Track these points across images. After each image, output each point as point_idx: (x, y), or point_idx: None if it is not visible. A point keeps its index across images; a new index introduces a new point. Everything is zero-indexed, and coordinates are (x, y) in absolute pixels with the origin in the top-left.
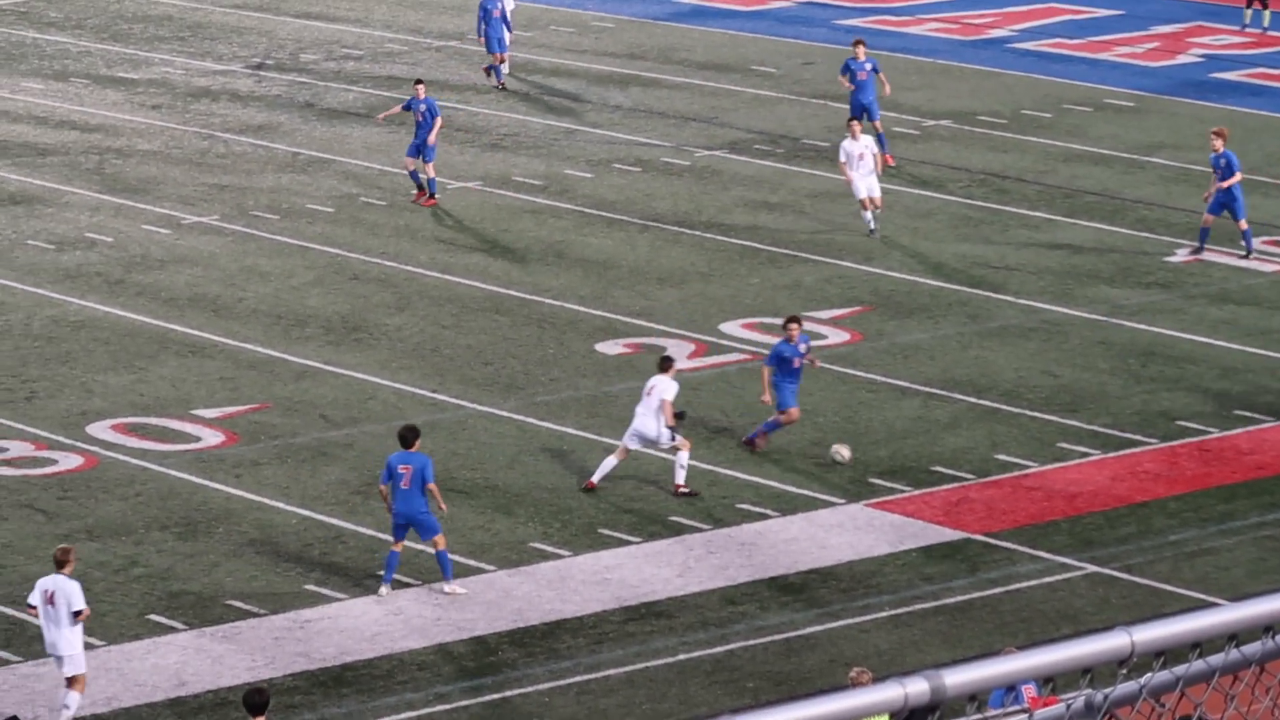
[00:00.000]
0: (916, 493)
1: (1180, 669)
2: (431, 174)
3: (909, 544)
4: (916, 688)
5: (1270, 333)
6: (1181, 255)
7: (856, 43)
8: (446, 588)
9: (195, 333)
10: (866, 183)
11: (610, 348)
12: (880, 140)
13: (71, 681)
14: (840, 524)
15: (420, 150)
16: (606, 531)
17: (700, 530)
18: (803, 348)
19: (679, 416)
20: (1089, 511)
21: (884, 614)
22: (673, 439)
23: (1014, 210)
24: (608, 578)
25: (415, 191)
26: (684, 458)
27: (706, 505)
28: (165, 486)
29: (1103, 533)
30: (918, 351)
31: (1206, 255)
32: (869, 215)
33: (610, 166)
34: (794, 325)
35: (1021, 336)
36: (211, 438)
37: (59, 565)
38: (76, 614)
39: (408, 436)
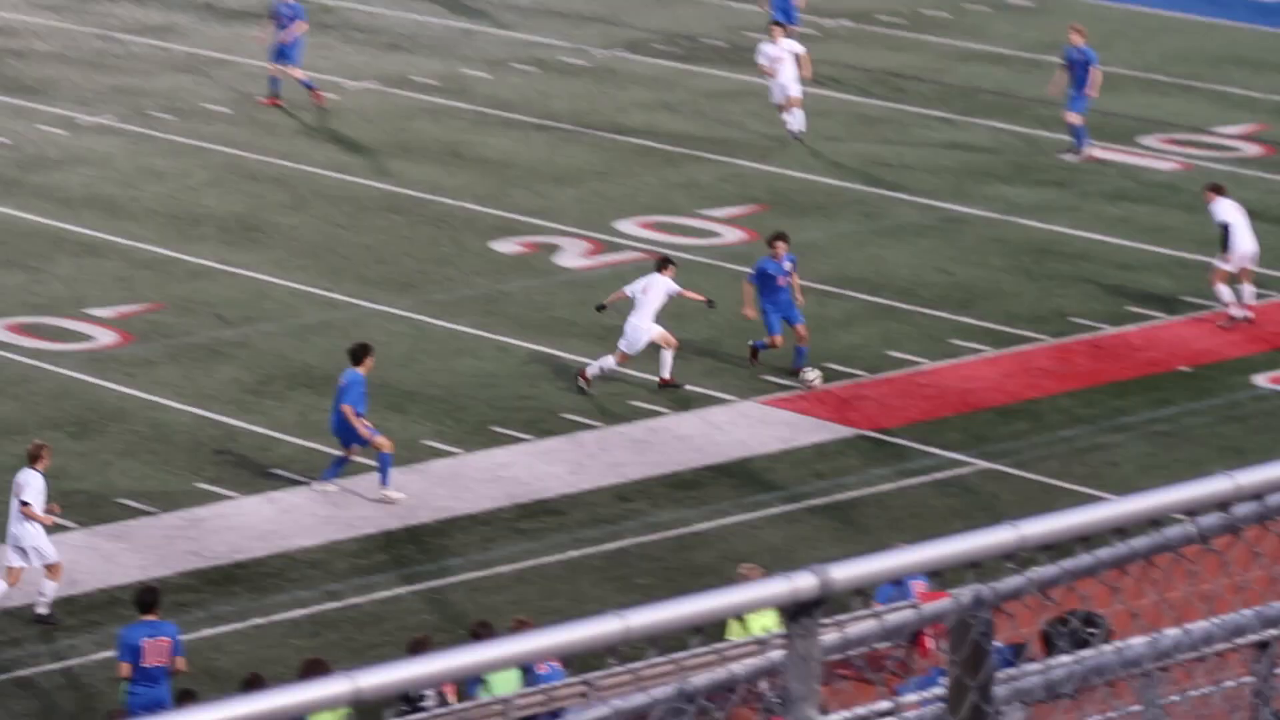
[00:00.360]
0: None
1: (1067, 563)
2: (297, 76)
3: (801, 440)
4: (804, 582)
5: (1164, 229)
6: (1073, 157)
7: None
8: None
9: (90, 232)
10: (785, 85)
11: (506, 246)
12: None
13: (49, 570)
14: (733, 421)
15: (283, 53)
16: (500, 429)
17: (593, 427)
18: (787, 265)
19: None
20: (981, 408)
21: (775, 510)
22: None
23: (911, 109)
24: (500, 475)
25: (311, 92)
26: (668, 355)
27: (600, 402)
28: (58, 385)
29: (995, 429)
30: (813, 249)
31: (1099, 153)
32: (788, 118)
33: (508, 66)
34: (779, 243)
35: (917, 234)
36: (105, 337)
37: (30, 459)
38: (24, 504)
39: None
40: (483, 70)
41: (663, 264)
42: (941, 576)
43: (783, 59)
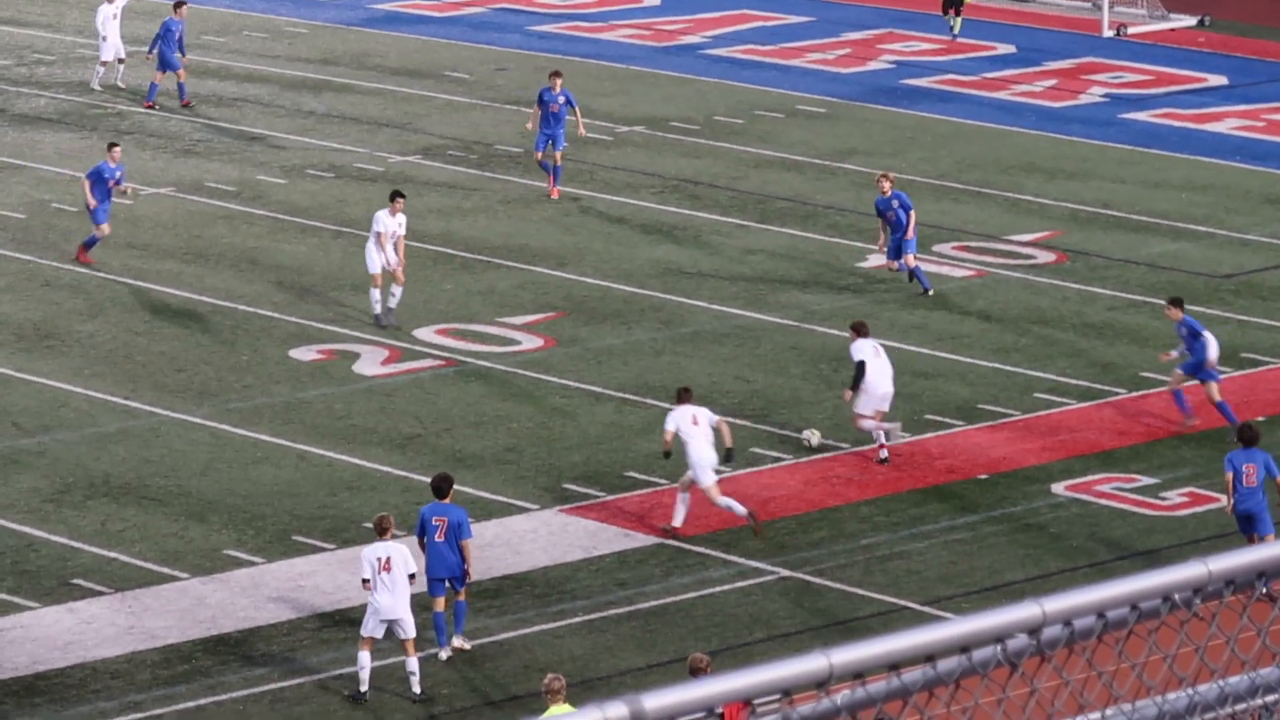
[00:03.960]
0: (610, 498)
1: (877, 687)
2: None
3: (603, 549)
4: (616, 712)
5: (959, 337)
6: (873, 261)
7: (553, 74)
8: (458, 642)
9: None
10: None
11: (304, 354)
12: (556, 171)
13: (409, 645)
14: (534, 530)
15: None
16: (300, 538)
17: (396, 536)
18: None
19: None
20: (781, 516)
21: (578, 619)
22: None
23: (707, 216)
24: (301, 585)
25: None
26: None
27: (401, 511)
28: None
29: (795, 537)
30: (611, 357)
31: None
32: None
33: (303, 173)
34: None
35: (714, 342)
36: None
37: (381, 533)
38: (412, 577)
39: (442, 487)
40: (278, 176)
41: (684, 394)
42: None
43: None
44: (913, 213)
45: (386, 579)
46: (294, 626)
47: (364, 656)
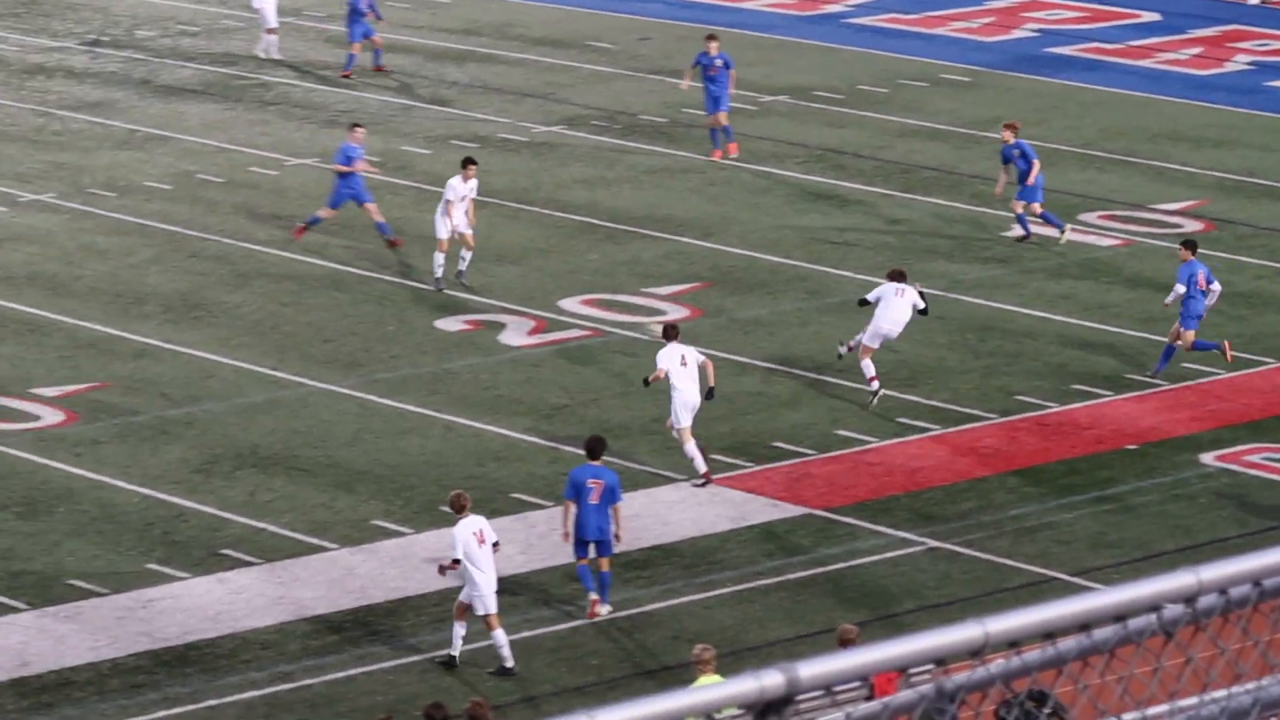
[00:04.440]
0: (758, 468)
1: (1032, 656)
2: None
3: (751, 520)
4: (771, 681)
5: (1107, 306)
6: (1017, 230)
7: (709, 38)
8: (601, 609)
9: (33, 311)
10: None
11: (450, 324)
12: (727, 132)
13: (495, 620)
14: (682, 500)
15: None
16: (448, 509)
17: (543, 508)
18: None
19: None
20: (929, 486)
21: (727, 590)
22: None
23: (851, 185)
24: (450, 555)
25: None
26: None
27: (549, 482)
28: (4, 465)
29: (943, 508)
30: (757, 327)
31: (1044, 230)
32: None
33: (447, 143)
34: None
35: (860, 312)
36: (51, 416)
37: (459, 510)
38: (495, 545)
39: (596, 448)
40: (423, 146)
41: (671, 331)
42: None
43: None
44: (1036, 162)
45: (483, 554)
46: (443, 597)
47: (459, 627)
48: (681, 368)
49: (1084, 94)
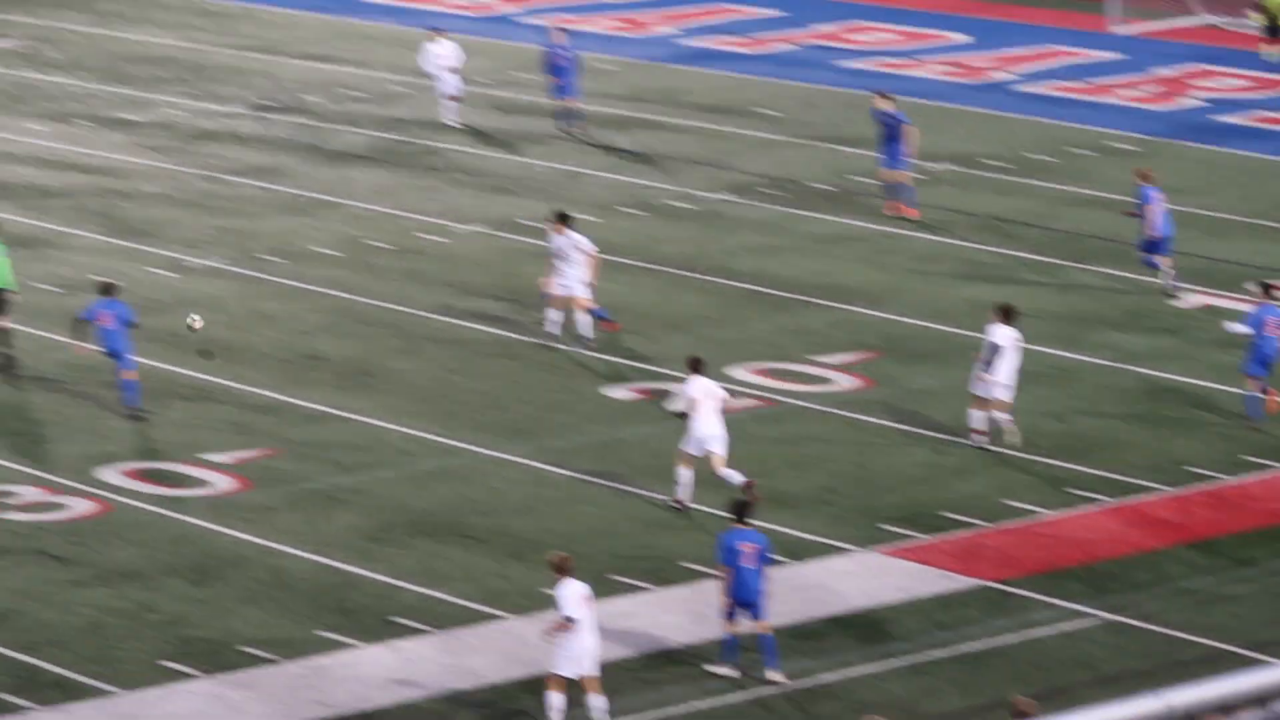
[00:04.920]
0: (928, 539)
1: None
2: None
3: (923, 591)
4: None
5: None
6: (1189, 300)
7: (881, 95)
8: (774, 675)
9: (204, 377)
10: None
11: (619, 392)
12: (908, 192)
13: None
14: (853, 571)
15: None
16: (619, 578)
17: (713, 577)
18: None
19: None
20: (1102, 559)
21: (900, 661)
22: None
23: (1020, 255)
24: (622, 624)
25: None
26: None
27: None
28: (177, 531)
29: (1117, 580)
30: (926, 397)
31: (1213, 300)
32: None
33: (615, 210)
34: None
35: (1030, 381)
36: (222, 482)
37: (564, 572)
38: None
39: (742, 511)
40: (590, 213)
41: (696, 363)
42: None
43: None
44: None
45: (589, 617)
46: (615, 666)
47: (559, 699)
48: (705, 401)
49: (1252, 162)
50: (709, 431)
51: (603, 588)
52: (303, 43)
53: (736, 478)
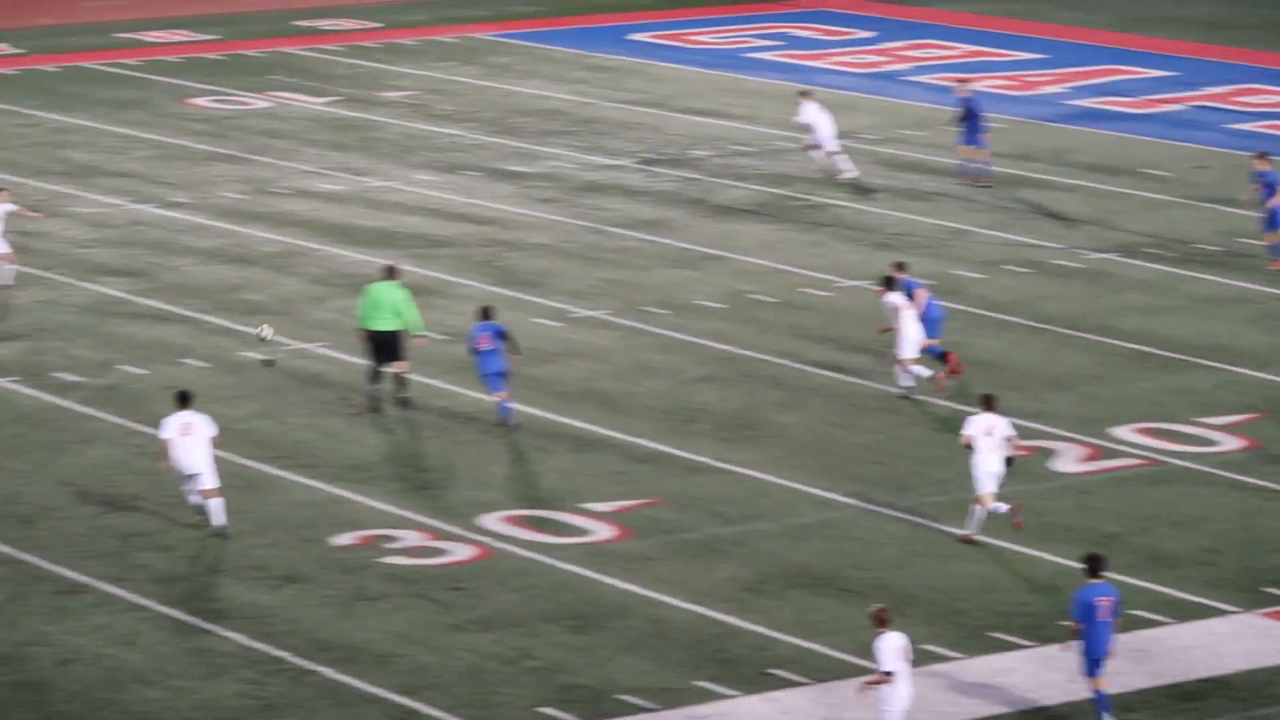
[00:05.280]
0: None
1: None
2: None
3: None
4: None
5: None
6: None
7: (1259, 155)
8: None
9: (586, 426)
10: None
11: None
12: None
13: None
14: (1235, 632)
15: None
16: (998, 635)
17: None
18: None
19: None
20: None
21: None
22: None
23: None
24: (1000, 681)
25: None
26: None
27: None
28: (556, 579)
29: None
30: None
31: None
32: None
33: (1000, 268)
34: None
35: None
36: (603, 531)
37: (883, 624)
38: (887, 673)
39: (1095, 565)
40: (976, 271)
41: (989, 401)
42: None
43: None
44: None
45: (905, 669)
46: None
47: None
48: (986, 437)
49: None
50: (987, 469)
51: (981, 644)
52: (689, 97)
53: (1002, 508)
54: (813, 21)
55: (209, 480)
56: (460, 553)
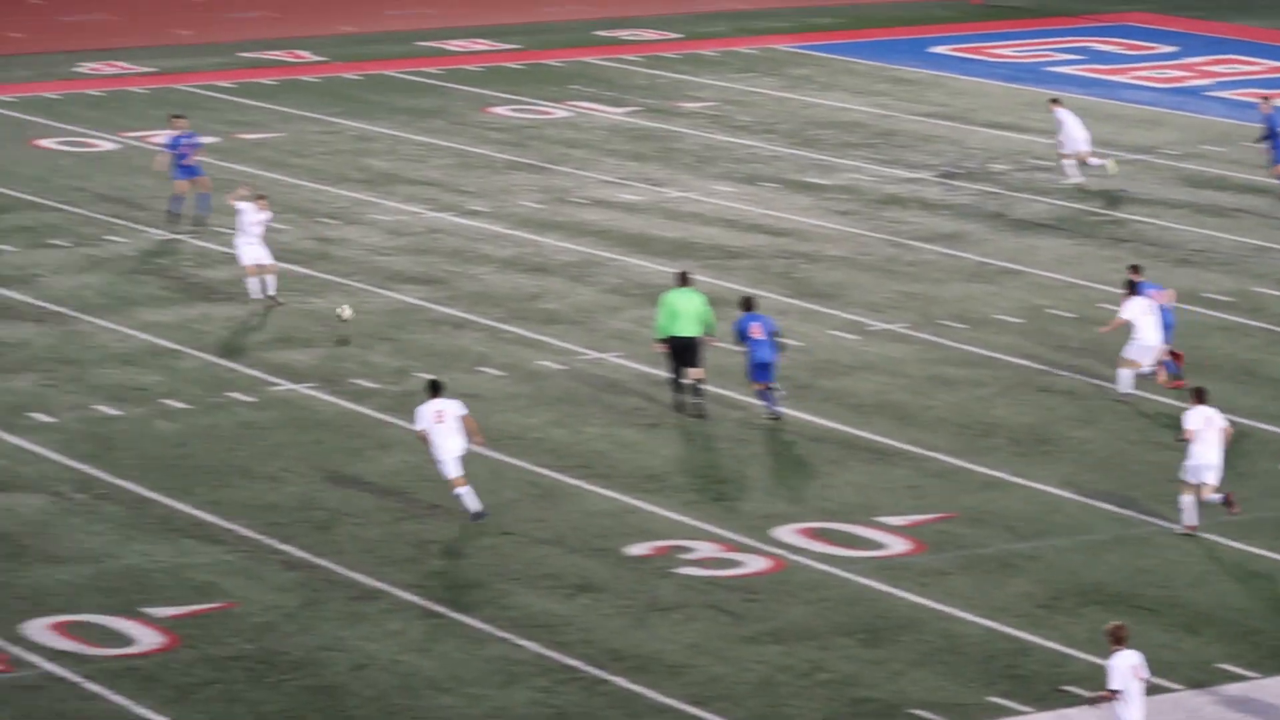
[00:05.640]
0: None
1: None
2: None
3: None
4: None
5: None
6: None
7: None
8: None
9: (881, 439)
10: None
11: None
12: None
13: None
14: None
15: None
16: (1108, 639)
17: None
18: None
19: None
20: None
21: None
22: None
23: None
24: None
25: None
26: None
27: None
28: (850, 592)
29: None
30: None
31: None
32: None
33: None
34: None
35: None
36: (897, 545)
37: (1119, 641)
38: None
39: None
40: (1276, 288)
41: (1200, 393)
42: None
43: None
44: None
45: (1137, 689)
46: None
47: None
48: (1205, 431)
49: None
50: (1205, 460)
51: (1278, 664)
52: (990, 111)
53: (1217, 498)
54: (1115, 36)
55: (453, 469)
56: (754, 564)
